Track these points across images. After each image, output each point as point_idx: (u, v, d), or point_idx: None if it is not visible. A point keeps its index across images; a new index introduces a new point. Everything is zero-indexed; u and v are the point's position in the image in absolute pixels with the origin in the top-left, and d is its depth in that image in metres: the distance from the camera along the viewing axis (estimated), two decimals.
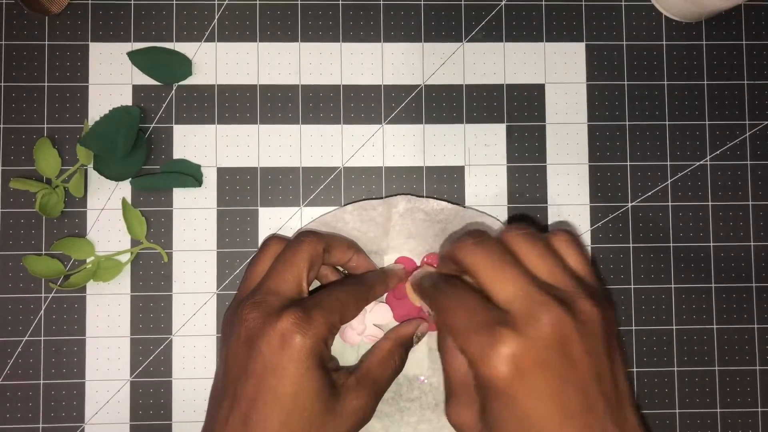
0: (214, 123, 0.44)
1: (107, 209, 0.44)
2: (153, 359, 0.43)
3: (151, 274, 0.43)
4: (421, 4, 0.45)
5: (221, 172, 0.44)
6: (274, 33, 0.45)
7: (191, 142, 0.44)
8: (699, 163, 0.45)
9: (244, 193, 0.44)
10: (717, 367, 0.44)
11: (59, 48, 0.44)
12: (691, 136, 0.45)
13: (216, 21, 0.45)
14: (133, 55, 0.44)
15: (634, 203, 0.45)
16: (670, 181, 0.45)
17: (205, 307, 0.44)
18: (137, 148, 0.43)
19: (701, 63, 0.46)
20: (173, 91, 0.44)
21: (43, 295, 0.43)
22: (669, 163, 0.45)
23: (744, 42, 0.46)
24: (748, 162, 0.46)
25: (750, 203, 0.45)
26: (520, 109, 0.45)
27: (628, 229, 0.45)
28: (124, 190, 0.44)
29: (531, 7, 0.46)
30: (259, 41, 0.45)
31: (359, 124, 0.45)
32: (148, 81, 0.44)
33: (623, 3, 0.46)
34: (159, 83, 0.44)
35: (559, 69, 0.45)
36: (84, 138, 0.42)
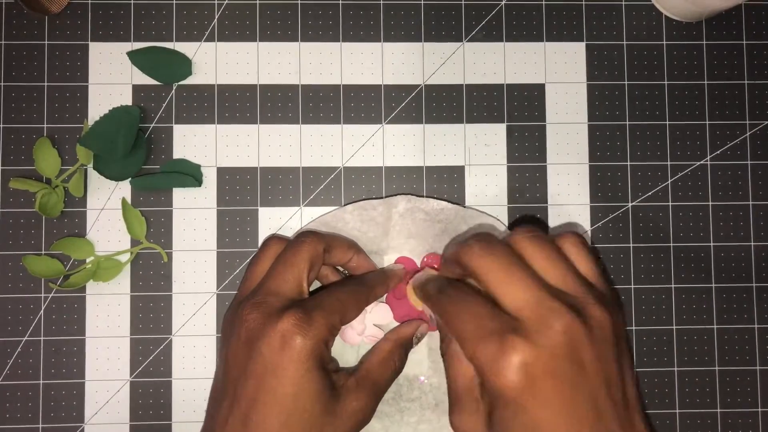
0: (214, 123, 0.44)
1: (107, 209, 0.44)
2: (153, 359, 0.43)
3: (150, 274, 0.43)
4: (421, 3, 0.45)
5: (221, 172, 0.44)
6: (274, 33, 0.45)
7: (191, 141, 0.44)
8: (699, 163, 0.45)
9: (244, 193, 0.44)
10: (717, 367, 0.44)
11: (59, 48, 0.44)
12: (692, 136, 0.45)
13: (216, 21, 0.45)
14: (133, 55, 0.44)
15: (634, 203, 0.45)
16: (670, 180, 0.45)
17: (205, 307, 0.43)
18: (137, 148, 0.43)
19: (701, 63, 0.46)
20: (173, 90, 0.44)
21: (42, 295, 0.43)
22: (669, 162, 0.45)
23: (744, 42, 0.46)
24: (749, 162, 0.46)
25: (750, 203, 0.45)
26: (521, 109, 0.45)
27: (629, 229, 0.45)
28: (123, 190, 0.44)
29: (531, 6, 0.46)
30: (259, 41, 0.45)
31: (359, 124, 0.45)
32: (148, 81, 0.44)
33: (623, 3, 0.46)
34: (159, 83, 0.44)
35: (559, 69, 0.45)
36: (84, 138, 0.42)
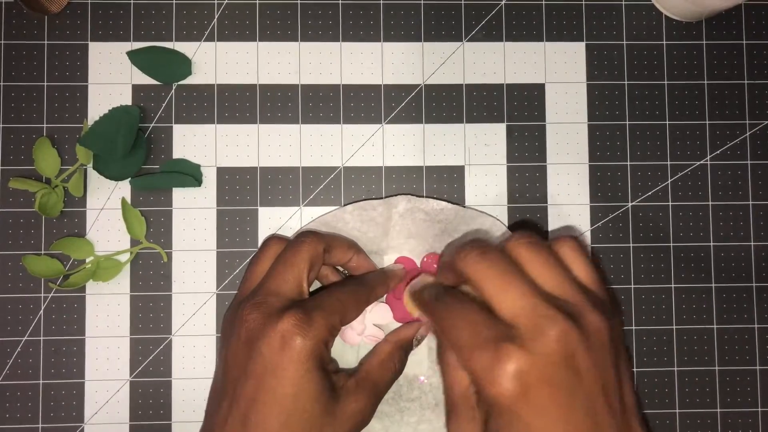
0: (213, 123, 0.44)
1: (107, 209, 0.44)
2: (152, 359, 0.43)
3: (150, 273, 0.43)
4: (421, 3, 0.45)
5: (221, 172, 0.44)
6: (274, 32, 0.45)
7: (191, 141, 0.44)
8: (699, 162, 0.45)
9: (244, 192, 0.44)
10: (717, 367, 0.44)
11: (59, 47, 0.44)
12: (691, 136, 0.45)
13: (216, 20, 0.45)
14: (132, 55, 0.44)
15: (634, 203, 0.45)
16: (670, 180, 0.45)
17: (205, 307, 0.43)
18: (137, 148, 0.43)
19: (701, 63, 0.46)
20: (173, 90, 0.44)
21: (42, 294, 0.43)
22: (669, 162, 0.45)
23: (744, 42, 0.46)
24: (748, 162, 0.46)
25: (750, 203, 0.45)
26: (520, 109, 0.45)
27: (628, 228, 0.45)
28: (123, 189, 0.44)
29: (531, 6, 0.46)
30: (259, 41, 0.45)
31: (359, 124, 0.45)
32: (148, 81, 0.44)
33: (623, 2, 0.46)
34: (159, 83, 0.44)
35: (559, 68, 0.45)
36: (83, 138, 0.42)
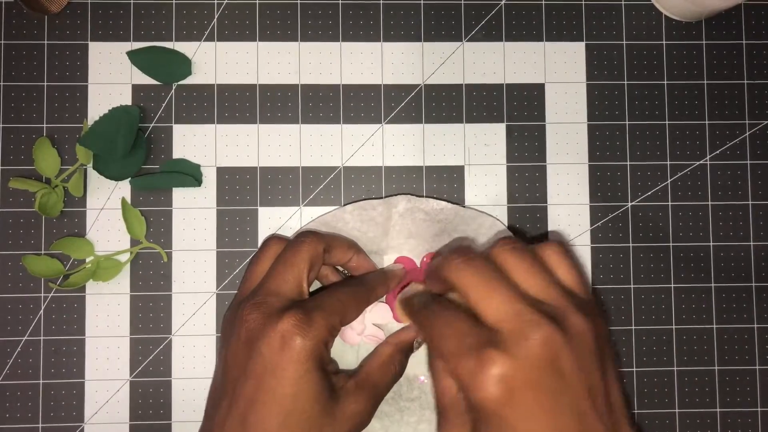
0: (213, 122, 0.44)
1: (107, 209, 0.44)
2: (152, 359, 0.43)
3: (150, 273, 0.43)
4: (421, 3, 0.45)
5: (221, 172, 0.44)
6: (274, 32, 0.45)
7: (191, 141, 0.44)
8: (699, 162, 0.45)
9: (244, 192, 0.44)
10: (717, 367, 0.44)
11: (59, 47, 0.44)
12: (691, 136, 0.45)
13: (216, 20, 0.45)
14: (132, 55, 0.44)
15: (633, 203, 0.45)
16: (669, 180, 0.45)
17: (205, 307, 0.43)
18: (137, 148, 0.43)
19: (701, 63, 0.46)
20: (173, 90, 0.44)
21: (42, 294, 0.43)
22: (669, 162, 0.45)
23: (744, 42, 0.46)
24: (748, 162, 0.46)
25: (750, 203, 0.45)
26: (520, 109, 0.45)
27: (628, 228, 0.45)
28: (123, 189, 0.44)
29: (531, 6, 0.46)
30: (259, 41, 0.45)
31: (359, 124, 0.45)
32: (148, 80, 0.44)
33: (623, 2, 0.46)
34: (158, 83, 0.44)
35: (558, 68, 0.45)
36: (83, 138, 0.42)
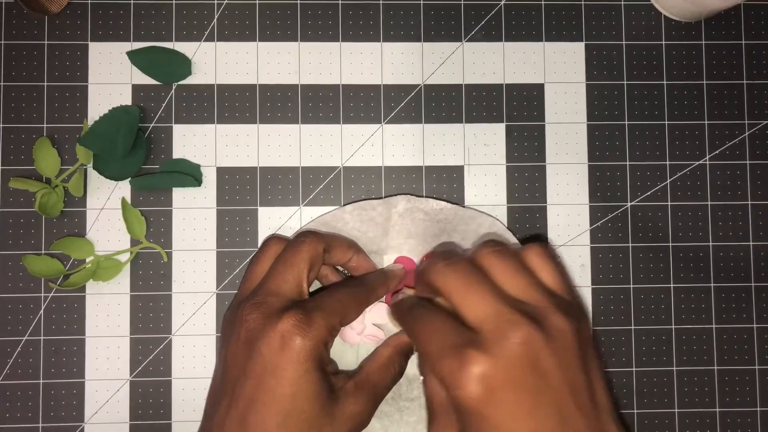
0: (213, 122, 0.44)
1: (107, 209, 0.44)
2: (152, 359, 0.43)
3: (150, 273, 0.44)
4: (421, 3, 0.45)
5: (221, 172, 0.44)
6: (274, 32, 0.45)
7: (191, 141, 0.44)
8: (698, 162, 0.45)
9: (244, 192, 0.44)
10: (716, 367, 0.45)
11: (59, 47, 0.44)
12: (691, 136, 0.46)
13: (215, 21, 0.45)
14: (132, 55, 0.44)
15: (633, 203, 0.45)
16: (669, 180, 0.45)
17: (205, 307, 0.44)
18: (137, 148, 0.43)
19: (700, 63, 0.46)
20: (173, 90, 0.44)
21: (42, 294, 0.43)
22: (668, 162, 0.45)
23: (743, 42, 0.46)
24: (747, 162, 0.46)
25: (749, 203, 0.45)
26: (520, 109, 0.45)
27: (627, 228, 0.45)
28: (123, 189, 0.44)
29: (530, 6, 0.46)
30: (259, 41, 0.45)
31: (359, 124, 0.45)
32: (148, 81, 0.44)
33: (622, 2, 0.46)
34: (158, 83, 0.44)
35: (558, 69, 0.45)
36: (83, 138, 0.42)
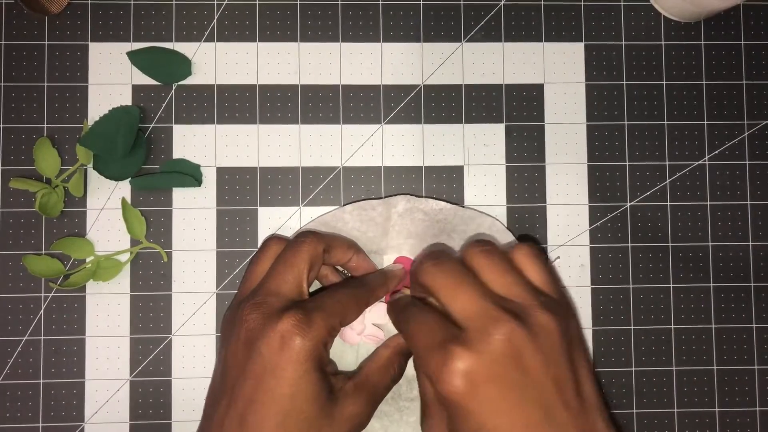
0: (213, 123, 0.44)
1: (107, 209, 0.44)
2: (152, 359, 0.43)
3: (150, 273, 0.44)
4: (420, 4, 0.45)
5: (221, 172, 0.44)
6: (274, 33, 0.45)
7: (191, 141, 0.44)
8: (698, 162, 0.46)
9: (244, 192, 0.44)
10: (715, 367, 0.45)
11: (59, 48, 0.44)
12: (690, 136, 0.46)
13: (215, 21, 0.45)
14: (132, 55, 0.44)
15: (632, 203, 0.45)
16: (668, 180, 0.45)
17: (205, 307, 0.44)
18: (137, 148, 0.43)
19: (700, 63, 0.46)
20: (173, 90, 0.44)
21: (42, 294, 0.43)
22: (668, 162, 0.45)
23: (743, 42, 0.46)
24: (747, 162, 0.46)
25: (748, 203, 0.45)
26: (519, 109, 0.45)
27: (627, 228, 0.45)
28: (123, 189, 0.44)
29: (530, 7, 0.46)
30: (259, 41, 0.45)
31: (358, 124, 0.45)
32: (148, 81, 0.44)
33: (622, 3, 0.46)
34: (158, 83, 0.44)
35: (558, 69, 0.46)
36: (84, 138, 0.42)
